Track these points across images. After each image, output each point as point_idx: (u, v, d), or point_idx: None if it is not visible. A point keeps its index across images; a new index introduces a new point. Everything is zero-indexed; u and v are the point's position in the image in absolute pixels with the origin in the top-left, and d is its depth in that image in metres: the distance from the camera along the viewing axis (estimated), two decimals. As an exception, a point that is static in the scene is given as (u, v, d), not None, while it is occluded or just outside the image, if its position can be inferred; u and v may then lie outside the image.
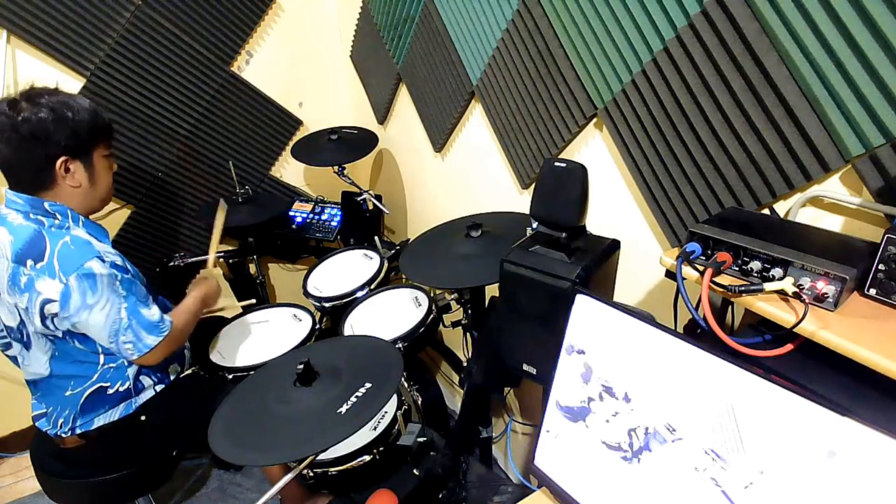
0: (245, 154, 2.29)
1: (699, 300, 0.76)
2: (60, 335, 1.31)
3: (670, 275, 0.82)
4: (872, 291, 0.71)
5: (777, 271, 0.75)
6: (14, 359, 1.42)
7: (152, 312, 1.35)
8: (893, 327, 0.67)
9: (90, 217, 1.38)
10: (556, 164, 0.97)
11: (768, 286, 0.73)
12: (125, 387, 1.42)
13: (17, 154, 1.24)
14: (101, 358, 1.38)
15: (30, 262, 1.25)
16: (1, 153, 1.24)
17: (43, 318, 1.27)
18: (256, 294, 2.27)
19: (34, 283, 1.25)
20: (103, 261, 1.27)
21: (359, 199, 2.14)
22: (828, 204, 0.89)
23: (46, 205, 1.29)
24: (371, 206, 2.16)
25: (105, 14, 1.86)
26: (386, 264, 1.88)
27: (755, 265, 0.77)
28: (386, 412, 1.39)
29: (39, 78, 1.83)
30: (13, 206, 1.29)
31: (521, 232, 1.10)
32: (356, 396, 1.07)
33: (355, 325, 1.66)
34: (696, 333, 0.83)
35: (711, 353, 0.67)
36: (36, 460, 1.50)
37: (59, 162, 1.27)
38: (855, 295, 0.73)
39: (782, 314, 0.71)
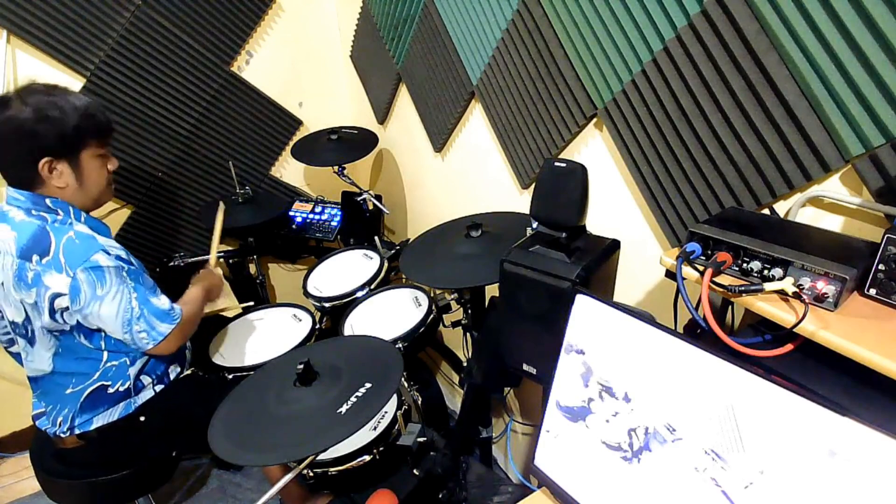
0: (245, 154, 2.29)
1: (699, 300, 0.76)
2: (68, 329, 1.32)
3: (670, 275, 0.82)
4: (872, 291, 0.71)
5: (777, 271, 0.75)
6: (17, 355, 1.42)
7: (162, 301, 1.36)
8: (893, 327, 0.67)
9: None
10: (556, 164, 0.97)
11: (768, 286, 0.73)
12: (125, 386, 1.42)
13: (2, 153, 1.25)
14: (105, 355, 1.38)
15: (35, 258, 1.25)
16: None
17: (52, 312, 1.28)
18: (256, 294, 2.27)
19: (41, 277, 1.25)
20: (108, 253, 1.28)
21: (359, 199, 2.14)
22: (828, 204, 0.89)
23: (48, 201, 1.29)
24: (371, 206, 2.16)
25: (105, 14, 1.86)
26: (386, 264, 1.88)
27: (755, 265, 0.77)
28: (386, 412, 1.39)
29: (40, 78, 1.83)
30: (15, 203, 1.29)
31: (521, 232, 1.10)
32: (356, 396, 1.07)
33: (355, 325, 1.66)
34: (696, 333, 0.83)
35: (711, 353, 0.67)
36: (36, 460, 1.50)
37: (41, 162, 1.25)
38: (855, 295, 0.73)
39: (782, 314, 0.71)
